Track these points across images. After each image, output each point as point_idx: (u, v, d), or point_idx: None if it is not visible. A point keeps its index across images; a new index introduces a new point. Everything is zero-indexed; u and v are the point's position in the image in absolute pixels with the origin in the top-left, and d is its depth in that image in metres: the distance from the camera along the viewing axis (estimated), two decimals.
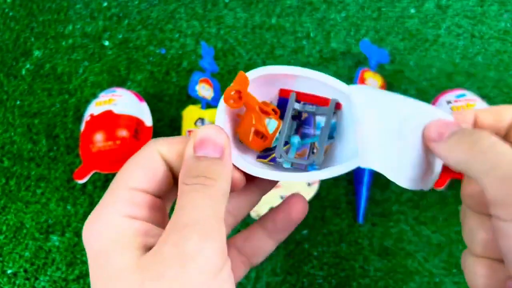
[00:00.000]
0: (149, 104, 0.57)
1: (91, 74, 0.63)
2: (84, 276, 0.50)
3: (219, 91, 0.58)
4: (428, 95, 0.58)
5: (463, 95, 0.51)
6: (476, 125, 0.28)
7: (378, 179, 0.53)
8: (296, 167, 0.29)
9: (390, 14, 0.64)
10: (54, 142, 0.58)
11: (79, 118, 0.59)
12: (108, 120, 0.52)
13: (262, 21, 0.65)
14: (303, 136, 0.30)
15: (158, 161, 0.25)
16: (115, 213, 0.23)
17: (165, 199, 0.26)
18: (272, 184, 0.30)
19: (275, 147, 0.29)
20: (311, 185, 0.50)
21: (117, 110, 0.52)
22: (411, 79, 0.59)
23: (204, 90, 0.55)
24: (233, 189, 0.26)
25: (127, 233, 0.22)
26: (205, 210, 0.22)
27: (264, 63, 0.61)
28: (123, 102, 0.54)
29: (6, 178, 0.56)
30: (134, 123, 0.52)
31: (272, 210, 0.30)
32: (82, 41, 0.65)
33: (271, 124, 0.29)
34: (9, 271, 0.51)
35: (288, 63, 0.61)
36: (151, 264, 0.21)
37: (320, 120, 0.30)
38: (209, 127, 0.25)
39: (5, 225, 0.54)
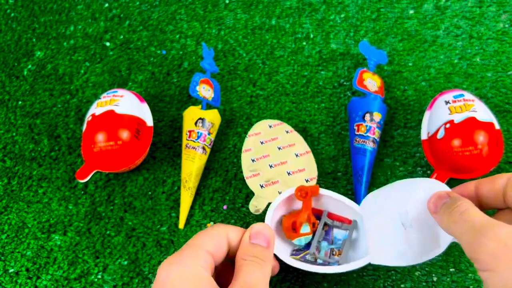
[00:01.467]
0: (150, 105, 0.57)
1: (93, 75, 0.63)
2: (85, 275, 0.51)
3: (219, 92, 0.58)
4: (426, 95, 0.58)
5: (461, 96, 0.52)
6: (477, 194, 0.36)
7: (377, 178, 0.54)
8: (323, 263, 0.44)
9: (389, 15, 0.65)
10: (55, 142, 0.59)
11: (80, 118, 0.60)
12: (110, 120, 0.52)
13: (262, 22, 0.66)
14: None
15: (224, 240, 0.37)
16: (196, 264, 0.32)
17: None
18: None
19: (303, 248, 0.46)
20: (309, 182, 0.51)
21: (118, 110, 0.53)
22: (409, 80, 0.60)
23: (204, 90, 0.56)
24: (273, 273, 0.40)
25: (205, 281, 0.32)
26: (259, 277, 0.34)
27: (264, 64, 0.62)
28: (125, 102, 0.54)
29: (8, 178, 0.57)
30: (135, 123, 0.53)
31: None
32: (84, 42, 0.66)
33: (305, 228, 0.45)
34: (11, 270, 0.52)
35: (288, 63, 0.61)
36: None
37: (336, 232, 0.47)
38: (261, 225, 0.39)
39: (7, 224, 0.54)
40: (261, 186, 0.50)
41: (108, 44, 0.65)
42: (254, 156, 0.53)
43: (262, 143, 0.54)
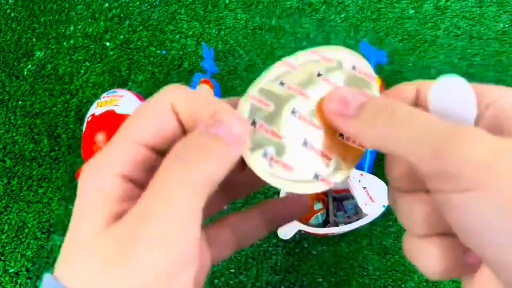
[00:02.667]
0: None
1: (93, 75, 0.63)
2: None
3: (220, 92, 0.58)
4: None
5: None
6: (419, 100, 0.24)
7: (376, 175, 0.54)
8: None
9: (389, 15, 0.65)
10: (55, 142, 0.59)
11: (80, 118, 0.60)
12: (110, 120, 0.52)
13: (262, 22, 0.66)
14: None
15: (169, 115, 0.21)
16: (108, 169, 0.20)
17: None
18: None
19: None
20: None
21: (118, 110, 0.53)
22: (409, 80, 0.59)
23: (204, 90, 0.56)
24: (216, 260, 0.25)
25: (108, 195, 0.20)
26: (184, 197, 0.18)
27: (264, 64, 0.62)
28: (125, 102, 0.54)
29: (8, 178, 0.57)
30: None
31: (275, 201, 0.29)
32: (84, 42, 0.66)
33: (317, 205, 0.48)
34: (11, 270, 0.52)
35: None
36: (107, 242, 0.18)
37: (345, 203, 0.54)
38: (230, 109, 0.21)
39: (7, 224, 0.54)
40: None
41: (108, 44, 0.65)
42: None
43: None
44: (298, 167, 0.21)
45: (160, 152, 0.21)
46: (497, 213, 0.17)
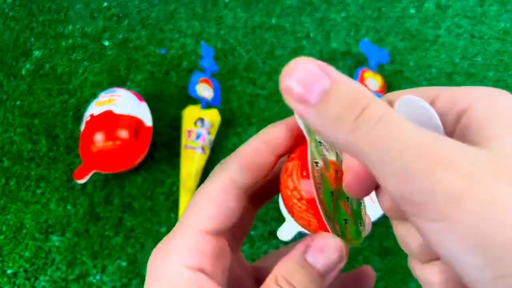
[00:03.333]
0: (149, 104, 0.57)
1: (91, 74, 0.63)
2: (83, 276, 0.50)
3: (219, 91, 0.58)
4: None
5: None
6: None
7: None
8: None
9: (390, 14, 0.64)
10: (54, 142, 0.58)
11: (79, 118, 0.59)
12: (108, 120, 0.52)
13: (262, 21, 0.65)
14: None
15: (231, 193, 0.21)
16: (177, 262, 0.20)
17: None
18: None
19: None
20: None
21: (117, 110, 0.52)
22: (410, 79, 0.59)
23: (204, 90, 0.55)
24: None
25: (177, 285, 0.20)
26: None
27: (264, 63, 0.61)
28: (123, 102, 0.54)
29: (6, 178, 0.56)
30: (134, 123, 0.52)
31: (341, 277, 0.25)
32: (82, 41, 0.65)
33: None
34: (9, 271, 0.51)
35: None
36: None
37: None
38: (331, 236, 0.20)
39: (5, 225, 0.54)
40: None
41: (106, 43, 0.65)
42: None
43: None
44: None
45: (227, 230, 0.21)
46: (463, 247, 0.15)
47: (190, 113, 0.55)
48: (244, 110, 0.59)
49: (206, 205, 0.21)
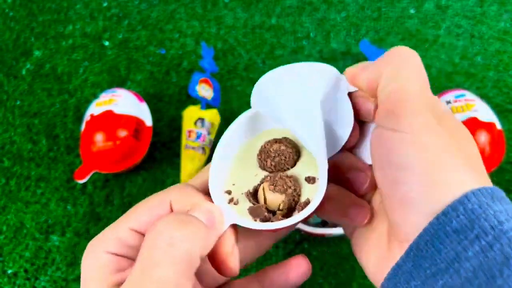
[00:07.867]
0: (149, 104, 0.57)
1: (91, 74, 0.63)
2: None
3: (219, 91, 0.58)
4: None
5: (462, 95, 0.52)
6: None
7: None
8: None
9: (390, 14, 0.64)
10: (54, 142, 0.58)
11: (79, 118, 0.59)
12: (108, 120, 0.52)
13: (262, 21, 0.65)
14: None
15: (164, 210, 0.25)
16: (102, 250, 0.24)
17: None
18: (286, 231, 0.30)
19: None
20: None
21: (117, 110, 0.52)
22: None
23: (204, 90, 0.55)
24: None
25: (105, 269, 0.23)
26: (169, 266, 0.21)
27: (264, 63, 0.61)
28: (123, 102, 0.54)
29: (6, 178, 0.56)
30: (134, 123, 0.53)
31: (272, 267, 0.28)
32: (82, 41, 0.65)
33: None
34: (9, 271, 0.51)
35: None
36: None
37: None
38: (213, 205, 0.25)
39: (5, 225, 0.54)
40: None
41: (106, 43, 0.65)
42: None
43: None
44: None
45: None
46: (410, 153, 0.21)
47: (190, 113, 0.55)
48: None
49: (141, 211, 0.26)
